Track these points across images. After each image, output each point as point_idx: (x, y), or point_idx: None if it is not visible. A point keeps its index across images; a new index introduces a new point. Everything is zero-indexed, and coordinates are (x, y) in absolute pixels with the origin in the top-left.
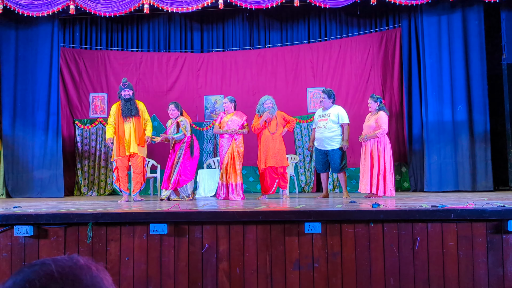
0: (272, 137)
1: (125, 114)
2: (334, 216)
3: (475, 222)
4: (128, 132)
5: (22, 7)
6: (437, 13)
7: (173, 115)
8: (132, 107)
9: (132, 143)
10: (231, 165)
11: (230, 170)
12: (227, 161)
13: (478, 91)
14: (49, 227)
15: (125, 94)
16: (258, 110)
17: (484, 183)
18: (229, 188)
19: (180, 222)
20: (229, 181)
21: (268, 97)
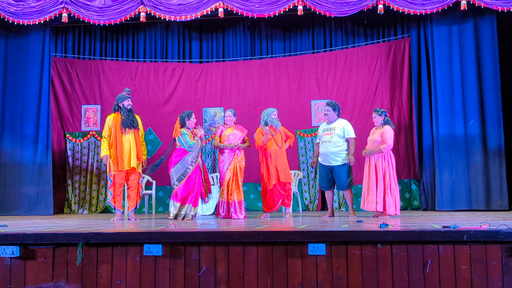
0: (280, 152)
1: (127, 125)
2: (339, 236)
3: (489, 244)
4: (127, 145)
5: (13, 15)
6: (447, 23)
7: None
8: (134, 119)
9: (132, 157)
10: (233, 181)
11: (232, 187)
12: (230, 177)
13: (492, 105)
14: (36, 248)
15: (128, 104)
16: (265, 121)
17: (499, 202)
18: (230, 205)
19: (176, 242)
20: (231, 198)
21: (274, 109)
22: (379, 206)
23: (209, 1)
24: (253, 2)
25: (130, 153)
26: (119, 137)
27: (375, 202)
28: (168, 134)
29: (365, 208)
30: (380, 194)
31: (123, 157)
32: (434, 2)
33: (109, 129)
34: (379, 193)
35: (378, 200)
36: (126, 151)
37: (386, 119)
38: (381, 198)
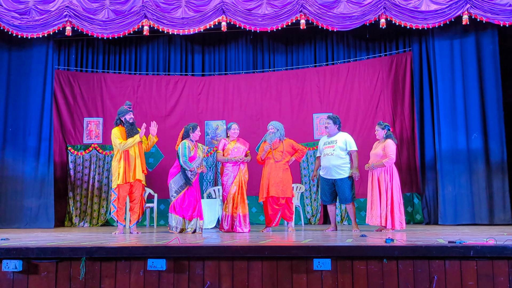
0: (275, 165)
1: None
2: (345, 252)
3: (496, 260)
4: (133, 158)
5: (17, 28)
6: (449, 37)
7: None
8: (137, 132)
9: (137, 170)
10: (239, 195)
11: (238, 200)
12: (235, 191)
13: (494, 119)
14: (39, 262)
15: (130, 118)
16: (264, 136)
17: (502, 216)
18: (235, 219)
19: (180, 257)
20: (237, 212)
21: (274, 122)
22: (382, 220)
23: (213, 15)
24: (256, 16)
25: (135, 165)
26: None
27: (379, 216)
28: (171, 147)
29: (369, 223)
30: (384, 208)
31: (130, 169)
32: (436, 17)
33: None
34: (383, 207)
35: (382, 214)
36: (132, 164)
37: (388, 133)
38: (384, 212)
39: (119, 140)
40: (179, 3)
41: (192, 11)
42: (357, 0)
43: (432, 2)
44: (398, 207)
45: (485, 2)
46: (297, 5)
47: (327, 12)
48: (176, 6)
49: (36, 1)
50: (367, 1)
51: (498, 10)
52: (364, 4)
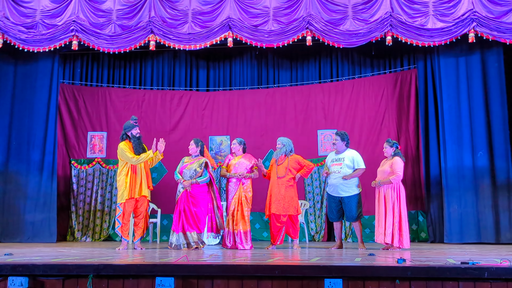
0: (277, 182)
1: (138, 153)
2: (356, 272)
3: (511, 282)
4: (139, 173)
5: (23, 42)
6: (454, 55)
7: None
8: (143, 146)
9: (143, 185)
10: (238, 211)
11: (237, 217)
12: (234, 207)
13: (500, 137)
14: (46, 279)
15: (137, 133)
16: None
17: (508, 235)
18: (236, 236)
19: (188, 276)
20: (236, 228)
21: (281, 138)
22: (387, 238)
23: (219, 31)
24: (263, 33)
25: (141, 181)
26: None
27: (384, 234)
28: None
29: (377, 241)
30: (389, 226)
31: (136, 185)
32: (442, 35)
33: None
34: (388, 225)
35: (387, 232)
36: (138, 179)
37: (396, 151)
38: (390, 230)
39: (131, 155)
40: (186, 19)
41: (199, 27)
42: (364, 17)
43: (438, 20)
44: (405, 225)
45: (491, 21)
46: (303, 22)
47: (334, 29)
48: (182, 21)
49: (43, 16)
50: (373, 19)
51: (504, 28)
52: (371, 22)
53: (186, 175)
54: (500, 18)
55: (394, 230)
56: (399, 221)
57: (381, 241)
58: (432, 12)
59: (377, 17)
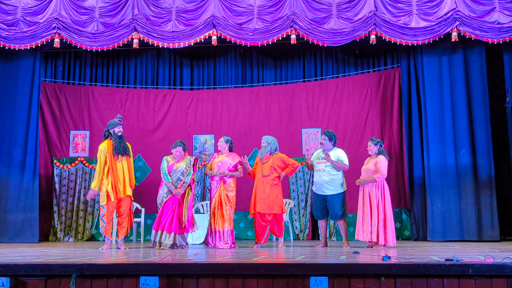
0: (262, 181)
1: (119, 152)
2: (342, 269)
3: (494, 278)
4: (121, 173)
5: (4, 39)
6: (437, 54)
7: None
8: (125, 145)
9: (126, 185)
10: (218, 210)
11: (217, 216)
12: (215, 206)
13: (482, 135)
14: (28, 279)
15: (119, 131)
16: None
17: (490, 233)
18: (216, 235)
19: (173, 275)
20: (216, 227)
21: (266, 136)
22: (373, 236)
23: (203, 29)
24: (247, 31)
25: (124, 180)
26: (114, 164)
27: (370, 232)
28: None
29: (360, 238)
30: (375, 224)
31: (118, 185)
32: (426, 34)
33: (105, 156)
34: (373, 223)
35: (373, 230)
36: (120, 178)
37: (380, 149)
38: (375, 228)
39: (99, 163)
40: (170, 17)
41: (183, 25)
42: (348, 16)
43: (421, 19)
44: (390, 223)
45: (474, 20)
46: (287, 20)
47: (318, 27)
48: (166, 19)
49: (24, 13)
50: (357, 17)
51: (487, 28)
52: (355, 20)
53: (174, 175)
54: (482, 18)
55: (379, 228)
56: (384, 219)
57: (366, 239)
58: (416, 11)
59: (361, 15)
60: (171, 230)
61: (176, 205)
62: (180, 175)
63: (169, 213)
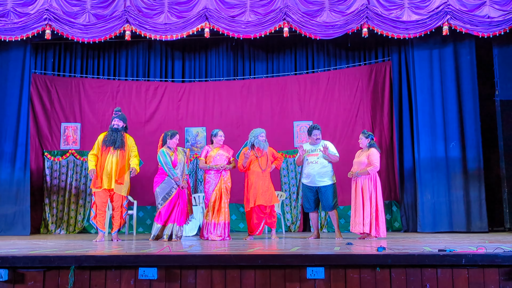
0: (262, 174)
1: (108, 143)
2: (338, 260)
3: (487, 268)
4: (109, 165)
5: None
6: (428, 47)
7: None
8: (118, 139)
9: (109, 179)
10: (219, 203)
11: (218, 208)
12: (215, 198)
13: (471, 128)
14: (26, 271)
15: (113, 124)
16: (252, 142)
17: (478, 224)
18: (216, 227)
19: (171, 266)
20: (217, 220)
21: (262, 130)
22: (366, 227)
23: (196, 21)
24: (240, 23)
25: (111, 174)
26: (104, 155)
27: (362, 223)
28: (150, 153)
29: (353, 230)
30: (367, 216)
31: (104, 176)
32: (418, 27)
33: (96, 145)
34: (366, 215)
35: (365, 221)
36: (107, 171)
37: (372, 142)
38: (368, 220)
39: (93, 150)
40: (162, 9)
41: (175, 17)
42: (340, 9)
43: (413, 13)
44: (382, 215)
45: (465, 14)
46: (280, 13)
47: (310, 20)
48: (159, 11)
49: (15, 4)
50: (350, 10)
51: (477, 21)
52: (347, 14)
53: (178, 168)
54: (473, 11)
55: (371, 220)
56: (376, 211)
57: (358, 230)
58: (408, 5)
59: (353, 9)
60: (181, 222)
61: (181, 197)
62: (181, 170)
63: (177, 206)
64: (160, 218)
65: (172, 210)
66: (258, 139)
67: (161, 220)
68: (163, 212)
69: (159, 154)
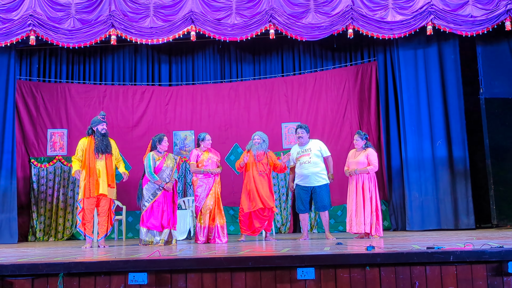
0: (260, 178)
1: (101, 150)
2: (328, 260)
3: (474, 264)
4: (99, 171)
5: None
6: (413, 47)
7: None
8: (108, 143)
9: (102, 184)
10: (216, 206)
11: (215, 212)
12: (213, 202)
13: (457, 126)
14: (14, 279)
15: (102, 129)
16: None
17: (466, 221)
18: (212, 231)
19: (161, 270)
20: (214, 223)
21: (260, 133)
22: (367, 227)
23: (181, 25)
24: (226, 26)
25: (100, 179)
26: (92, 162)
27: (363, 223)
28: (138, 158)
29: (353, 230)
30: (368, 215)
31: (94, 183)
32: (402, 27)
33: (82, 151)
34: (367, 215)
35: (366, 221)
36: (98, 177)
37: (368, 143)
38: (369, 220)
39: (77, 155)
40: (148, 13)
41: (161, 21)
42: (325, 10)
43: (397, 13)
44: (380, 214)
45: (448, 13)
46: (266, 15)
47: (296, 22)
48: (144, 15)
49: None
50: (335, 12)
51: (461, 21)
52: (332, 15)
53: (164, 173)
54: (456, 11)
55: (372, 219)
56: (376, 210)
57: (359, 230)
58: (392, 5)
59: (338, 10)
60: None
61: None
62: (168, 175)
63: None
64: (143, 223)
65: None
66: (252, 142)
67: (144, 224)
68: (145, 217)
69: (146, 158)
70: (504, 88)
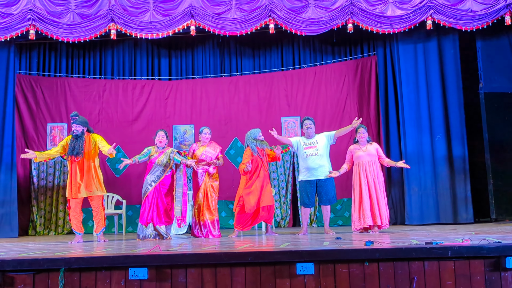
0: (265, 175)
1: (71, 152)
2: (327, 255)
3: (472, 260)
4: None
5: None
6: (412, 41)
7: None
8: (77, 146)
9: (83, 186)
10: (204, 201)
11: (203, 207)
12: (201, 197)
13: (456, 121)
14: (16, 274)
15: (72, 130)
16: (255, 144)
17: (464, 216)
18: (202, 226)
19: (162, 265)
20: (203, 218)
21: (256, 129)
22: (377, 219)
23: (181, 19)
24: (225, 21)
25: (80, 182)
26: (69, 163)
27: (378, 215)
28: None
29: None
30: (382, 206)
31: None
32: (402, 22)
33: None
34: (381, 206)
35: (377, 213)
36: (76, 180)
37: (369, 137)
38: (383, 211)
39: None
40: (147, 7)
41: (161, 15)
42: (325, 5)
43: (397, 8)
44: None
45: (448, 8)
46: (266, 10)
47: (296, 16)
48: (144, 10)
49: None
50: (334, 6)
51: (460, 15)
52: (332, 9)
53: (157, 169)
54: (456, 6)
55: (381, 210)
56: (385, 201)
57: (371, 222)
58: (391, 0)
59: (338, 4)
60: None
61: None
62: (161, 171)
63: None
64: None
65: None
66: (259, 140)
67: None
68: (141, 211)
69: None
70: (504, 82)
